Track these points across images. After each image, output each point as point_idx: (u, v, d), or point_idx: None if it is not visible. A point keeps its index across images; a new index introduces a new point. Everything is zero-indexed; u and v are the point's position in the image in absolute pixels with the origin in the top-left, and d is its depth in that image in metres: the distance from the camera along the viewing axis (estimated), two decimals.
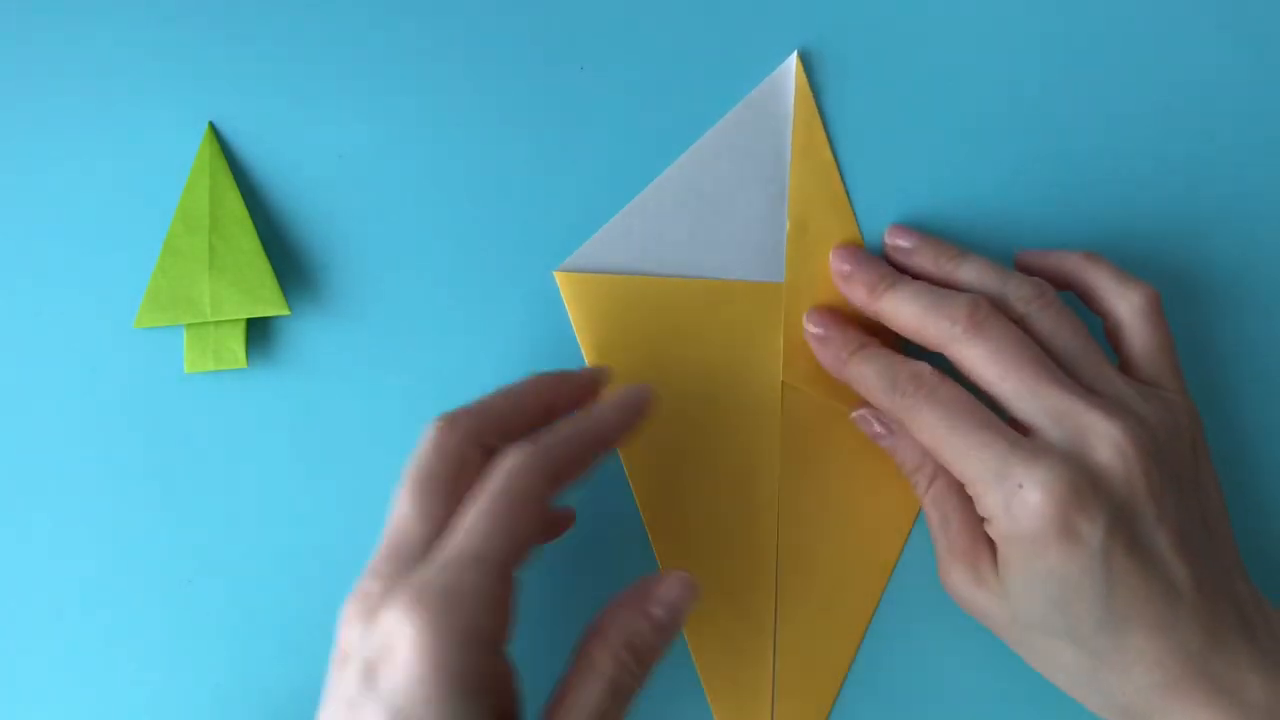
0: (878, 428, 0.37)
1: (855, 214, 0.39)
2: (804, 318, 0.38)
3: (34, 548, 0.38)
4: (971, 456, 0.33)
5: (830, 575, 0.38)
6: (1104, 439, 0.32)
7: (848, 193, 0.39)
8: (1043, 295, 0.35)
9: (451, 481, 0.31)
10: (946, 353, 0.34)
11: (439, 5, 0.39)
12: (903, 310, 0.35)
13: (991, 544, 0.34)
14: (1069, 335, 0.34)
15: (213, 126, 0.39)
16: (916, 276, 0.37)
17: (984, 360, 0.33)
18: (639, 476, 0.38)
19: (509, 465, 0.31)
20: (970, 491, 0.33)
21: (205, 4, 0.39)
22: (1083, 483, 0.31)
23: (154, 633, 0.38)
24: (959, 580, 0.35)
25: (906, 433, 0.36)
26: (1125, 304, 0.36)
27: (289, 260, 0.39)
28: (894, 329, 0.36)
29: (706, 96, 0.39)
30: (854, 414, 0.38)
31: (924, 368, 0.35)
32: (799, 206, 0.39)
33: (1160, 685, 0.32)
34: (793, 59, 0.39)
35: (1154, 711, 0.33)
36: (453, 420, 0.32)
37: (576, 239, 0.39)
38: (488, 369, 0.39)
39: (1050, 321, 0.35)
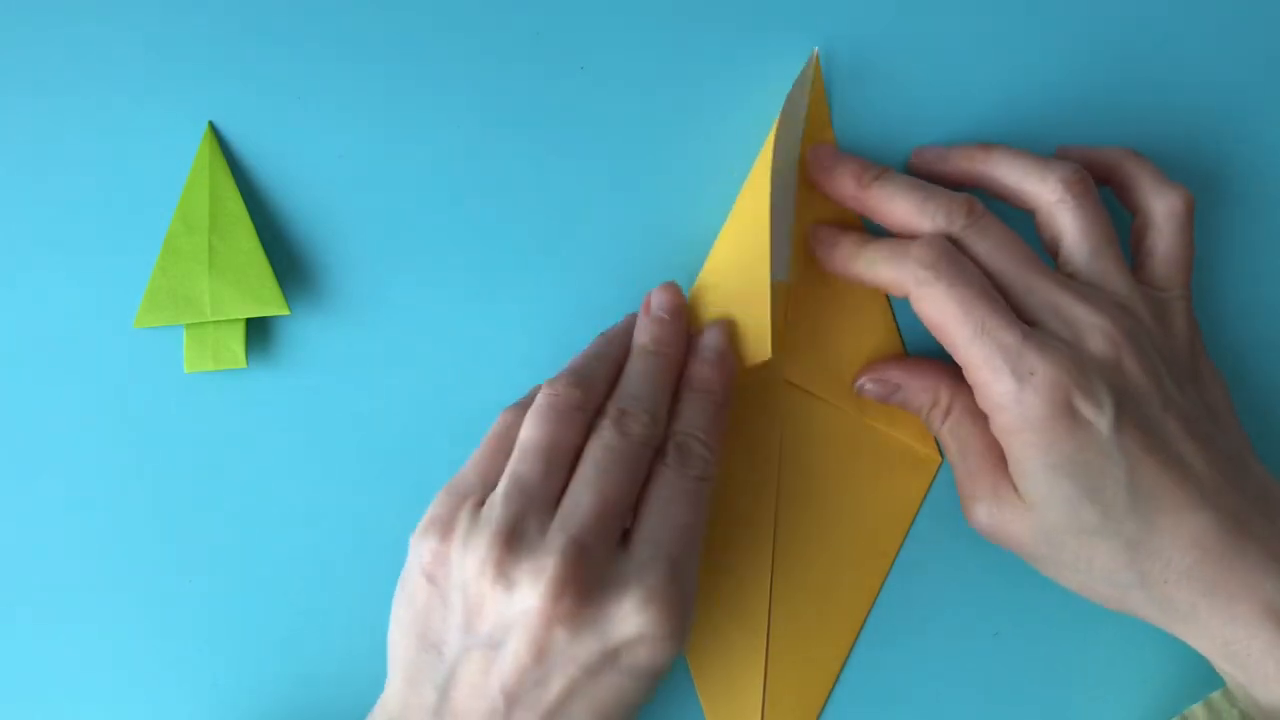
0: (882, 389, 0.37)
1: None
2: (808, 154, 0.38)
3: (34, 547, 0.38)
4: (983, 341, 0.33)
5: (825, 577, 0.38)
6: (1094, 330, 0.33)
7: None
8: (971, 211, 0.35)
9: (574, 454, 0.33)
10: (953, 236, 0.35)
11: (439, 5, 0.39)
12: (896, 201, 0.35)
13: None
14: (1011, 253, 0.35)
15: (213, 126, 0.39)
16: (839, 201, 0.37)
17: (986, 253, 0.34)
18: None
19: (694, 467, 0.34)
20: (975, 379, 0.33)
21: (205, 4, 0.38)
22: (1088, 370, 0.32)
23: (153, 632, 0.38)
24: (983, 506, 0.35)
25: (912, 380, 0.37)
26: (1161, 205, 0.36)
27: (289, 260, 0.39)
28: (882, 220, 0.36)
29: (707, 96, 0.39)
30: (857, 386, 0.38)
31: (950, 247, 0.34)
32: (806, 207, 0.39)
33: (1199, 566, 0.32)
34: (813, 56, 0.39)
35: (1197, 598, 0.33)
36: (575, 393, 0.34)
37: (576, 238, 0.39)
38: (488, 369, 0.39)
39: (980, 239, 0.35)
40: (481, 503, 0.33)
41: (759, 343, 0.36)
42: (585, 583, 0.31)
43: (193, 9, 0.38)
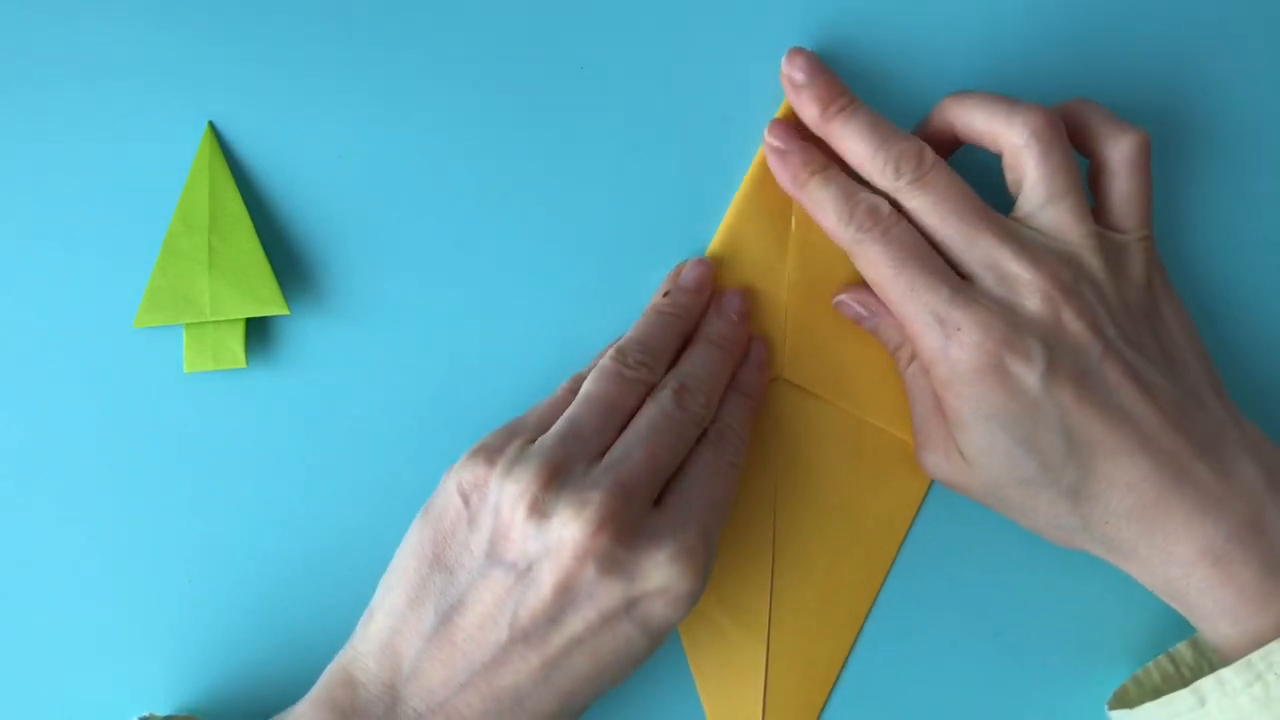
0: (859, 309, 0.38)
1: None
2: (766, 131, 0.38)
3: (34, 547, 0.38)
4: (912, 298, 0.34)
5: (825, 577, 0.38)
6: (1030, 288, 0.33)
7: None
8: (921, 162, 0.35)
9: (628, 417, 0.35)
10: (891, 196, 0.35)
11: (439, 5, 0.39)
12: (851, 142, 0.36)
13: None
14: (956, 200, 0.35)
15: (213, 126, 0.38)
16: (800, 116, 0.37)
17: (926, 208, 0.35)
18: None
19: (730, 454, 0.35)
20: (909, 333, 0.35)
21: (205, 4, 0.38)
22: (1019, 325, 0.33)
23: (153, 632, 0.38)
24: (931, 456, 0.36)
25: (887, 313, 0.37)
26: (1116, 149, 0.36)
27: (289, 260, 0.39)
28: (839, 154, 0.36)
29: (707, 96, 0.39)
30: (835, 299, 0.38)
31: (881, 203, 0.35)
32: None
33: (1137, 509, 0.33)
34: None
35: (1137, 538, 0.34)
36: (642, 366, 0.35)
37: (575, 238, 0.39)
38: (487, 368, 0.39)
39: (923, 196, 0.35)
40: (532, 442, 0.33)
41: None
42: (625, 523, 0.32)
43: (193, 9, 0.38)
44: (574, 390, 0.36)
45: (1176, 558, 0.33)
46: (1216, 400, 0.35)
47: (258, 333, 0.38)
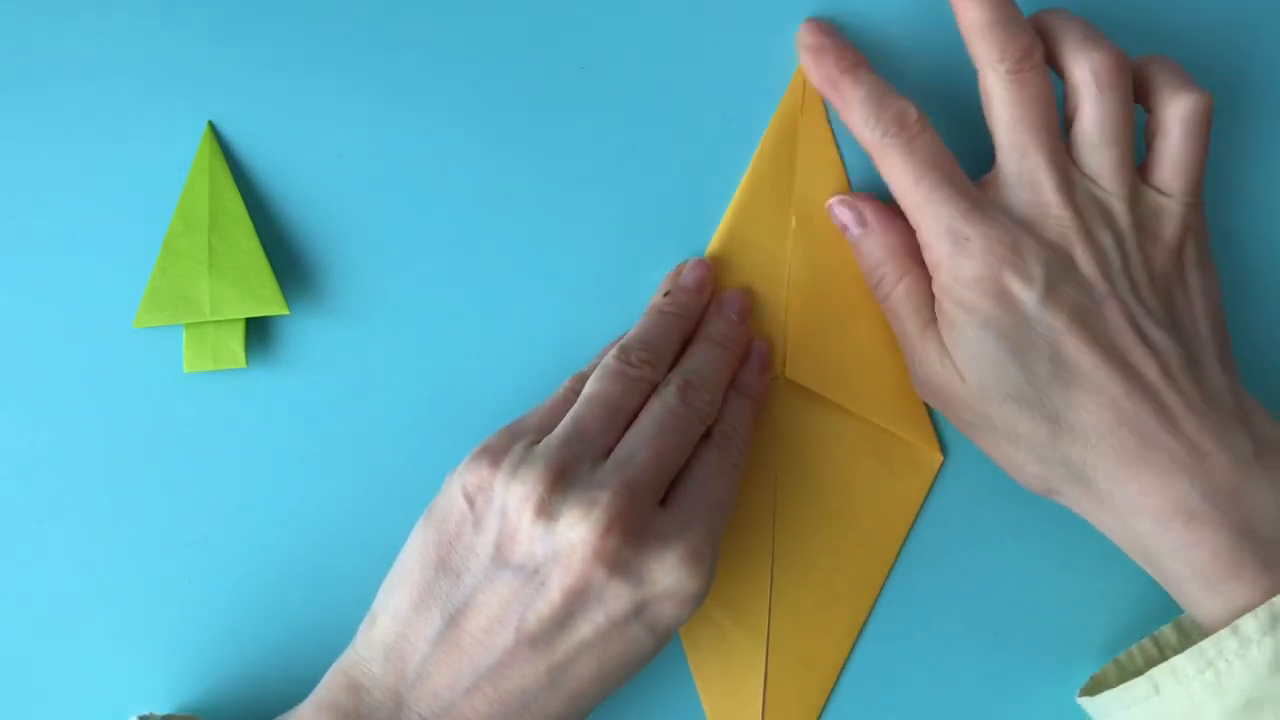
0: (849, 217, 0.38)
1: None
2: (801, 28, 0.38)
3: (33, 547, 0.38)
4: (928, 209, 0.35)
5: (825, 577, 0.38)
6: (1056, 218, 0.34)
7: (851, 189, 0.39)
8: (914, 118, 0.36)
9: (631, 418, 0.35)
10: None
11: (439, 5, 0.39)
12: (852, 109, 0.36)
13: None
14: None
15: (213, 126, 0.38)
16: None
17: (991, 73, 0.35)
18: None
19: (733, 455, 0.36)
20: (920, 239, 0.35)
21: (205, 4, 0.38)
22: (1025, 247, 0.34)
23: (153, 632, 0.38)
24: (923, 368, 0.36)
25: (875, 232, 0.37)
26: (1174, 108, 0.35)
27: (289, 260, 0.39)
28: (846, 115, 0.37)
29: (707, 96, 0.39)
30: (829, 203, 0.38)
31: (910, 110, 0.35)
32: (803, 202, 0.39)
33: (1116, 451, 0.33)
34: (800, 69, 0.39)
35: (1113, 485, 0.34)
36: (645, 365, 0.35)
37: (575, 238, 0.39)
38: (488, 368, 0.39)
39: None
40: (536, 444, 0.33)
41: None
42: (633, 525, 0.32)
43: (193, 9, 0.38)
44: (576, 390, 0.36)
45: (1149, 510, 0.33)
46: (1220, 371, 0.35)
47: (258, 333, 0.38)
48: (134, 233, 0.38)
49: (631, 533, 0.32)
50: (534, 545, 0.32)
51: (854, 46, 0.38)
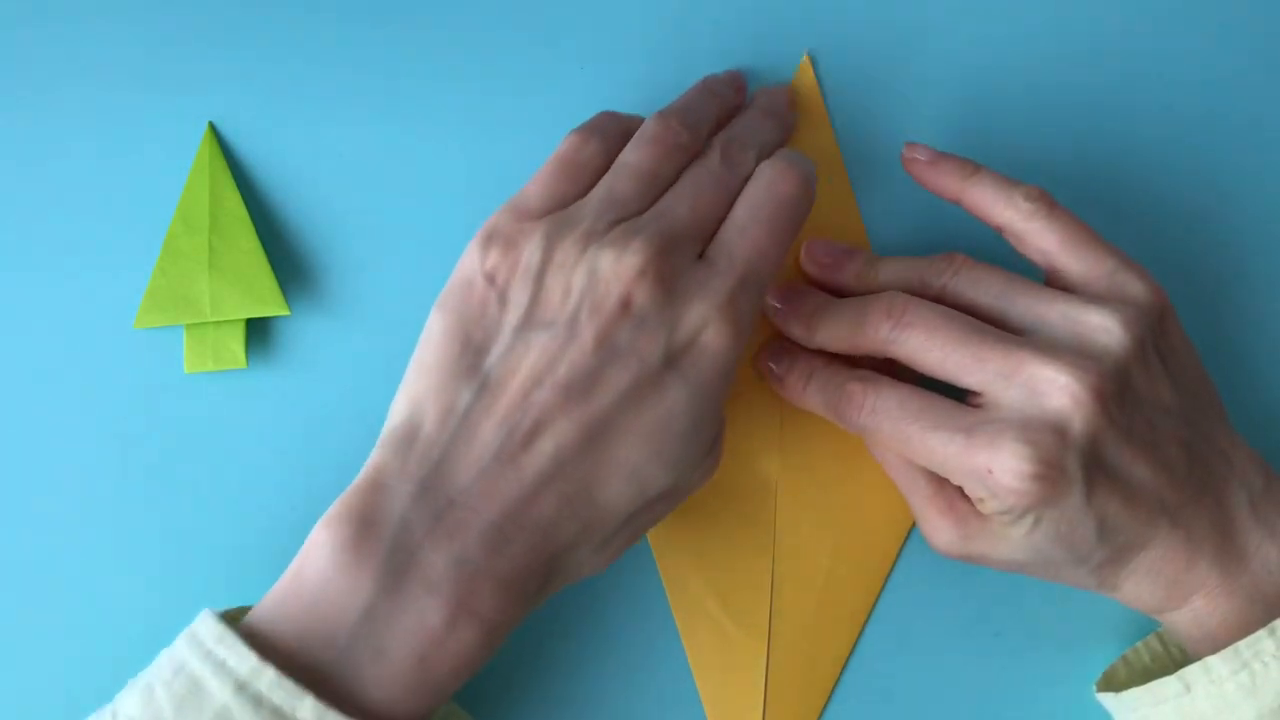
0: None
1: (861, 215, 0.39)
2: (756, 355, 0.38)
3: (34, 547, 0.38)
4: (935, 458, 0.33)
5: (826, 577, 0.38)
6: (1052, 385, 0.32)
7: (854, 193, 0.39)
8: (950, 263, 0.35)
9: (667, 187, 0.33)
10: (888, 356, 0.35)
11: (439, 5, 0.39)
12: (835, 336, 0.36)
13: (967, 498, 0.35)
14: (987, 286, 0.35)
15: (213, 126, 0.39)
16: (842, 290, 0.37)
17: (920, 350, 0.34)
18: None
19: (787, 184, 0.33)
20: (954, 482, 0.34)
21: (205, 4, 0.39)
22: (1049, 445, 0.32)
23: (153, 633, 0.38)
24: (946, 539, 0.35)
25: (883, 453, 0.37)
26: (1013, 212, 0.35)
27: (289, 260, 0.39)
28: (837, 352, 0.36)
29: None
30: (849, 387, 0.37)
31: (854, 387, 0.35)
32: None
33: (1144, 564, 0.34)
34: (804, 61, 0.39)
35: (1141, 585, 0.34)
36: (684, 133, 0.34)
37: None
38: None
39: (965, 283, 0.35)
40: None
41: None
42: (666, 270, 0.31)
43: (193, 9, 0.39)
44: (576, 152, 0.34)
45: (1173, 595, 0.34)
46: (1218, 424, 0.35)
47: (258, 333, 0.38)
48: (134, 233, 0.38)
49: (664, 278, 0.31)
50: (566, 299, 0.31)
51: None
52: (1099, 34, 0.40)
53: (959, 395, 0.34)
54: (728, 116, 0.37)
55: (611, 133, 0.35)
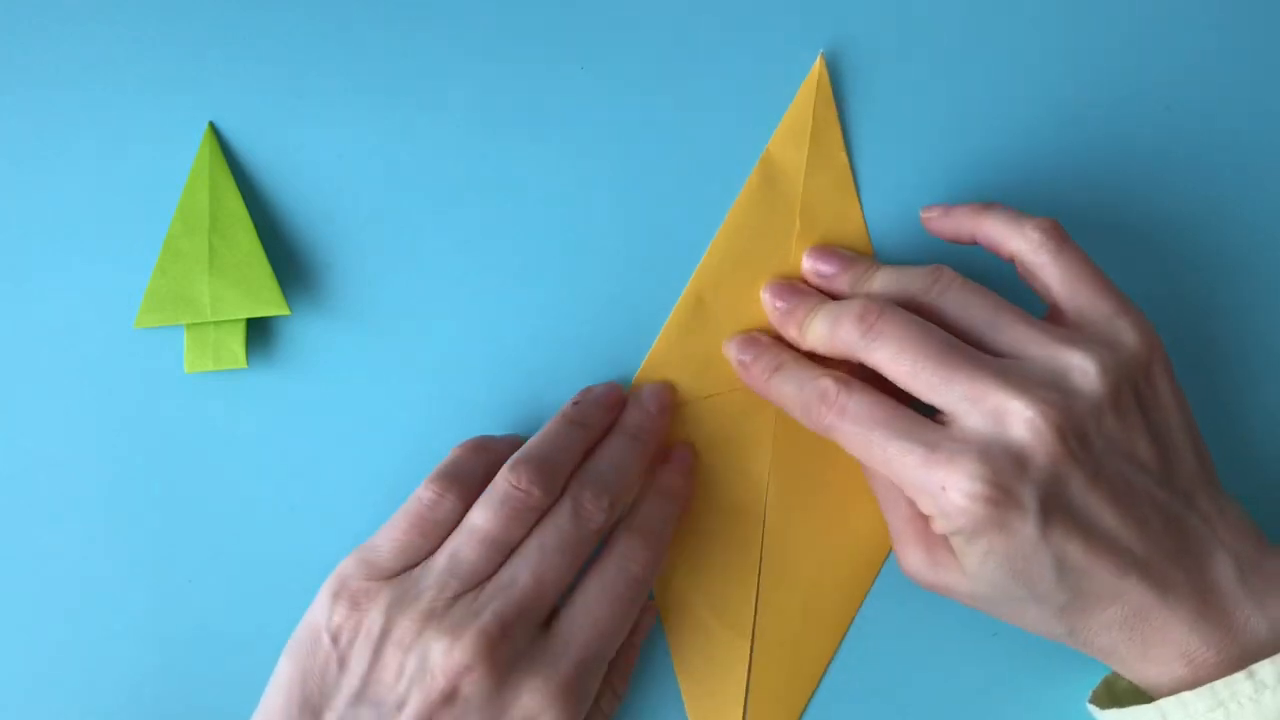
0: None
1: (865, 218, 0.39)
2: (726, 345, 0.38)
3: (33, 547, 0.38)
4: (893, 467, 0.33)
5: (813, 577, 0.38)
6: (1016, 417, 0.32)
7: (860, 197, 0.39)
8: (939, 277, 0.35)
9: (514, 545, 0.34)
10: (863, 362, 0.35)
11: (439, 5, 0.39)
12: (819, 337, 0.36)
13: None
14: (976, 307, 0.34)
15: (213, 126, 0.39)
16: (841, 297, 0.37)
17: (890, 360, 0.34)
18: None
19: (637, 565, 0.34)
20: (907, 495, 0.34)
21: (205, 4, 0.38)
22: (1006, 471, 0.32)
23: (153, 633, 0.38)
24: (915, 564, 0.35)
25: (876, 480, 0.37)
26: (1023, 243, 0.35)
27: (289, 260, 0.39)
28: (824, 355, 0.36)
29: (708, 96, 0.39)
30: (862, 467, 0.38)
31: (828, 384, 0.35)
32: (810, 210, 0.39)
33: (1121, 622, 0.33)
34: (818, 61, 0.39)
35: (1117, 642, 0.33)
36: (536, 492, 0.34)
37: (575, 238, 0.39)
38: (487, 369, 0.39)
39: (954, 300, 0.35)
40: (398, 575, 0.33)
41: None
42: (500, 658, 0.32)
43: (193, 9, 0.39)
44: (431, 508, 0.35)
45: (1154, 659, 0.33)
46: (1203, 487, 0.34)
47: (258, 333, 0.38)
48: (134, 233, 0.38)
49: (496, 667, 0.32)
50: (399, 679, 0.32)
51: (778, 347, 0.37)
52: (1121, 38, 0.40)
53: (934, 413, 0.34)
54: (598, 439, 0.37)
55: (473, 479, 0.35)
